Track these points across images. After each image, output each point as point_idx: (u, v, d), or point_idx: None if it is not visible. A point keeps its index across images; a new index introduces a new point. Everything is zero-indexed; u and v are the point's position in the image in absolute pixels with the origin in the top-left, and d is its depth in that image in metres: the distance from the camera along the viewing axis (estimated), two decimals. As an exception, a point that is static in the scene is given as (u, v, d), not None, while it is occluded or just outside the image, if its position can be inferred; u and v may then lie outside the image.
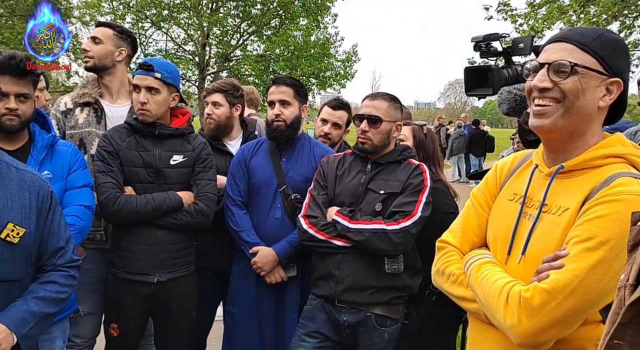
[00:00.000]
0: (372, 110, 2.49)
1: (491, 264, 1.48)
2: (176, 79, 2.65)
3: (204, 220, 2.61)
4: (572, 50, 1.36)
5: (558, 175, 1.41)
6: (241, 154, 2.86)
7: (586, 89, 1.34)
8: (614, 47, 1.37)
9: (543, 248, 1.36)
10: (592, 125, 1.39)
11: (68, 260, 1.86)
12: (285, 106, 2.75)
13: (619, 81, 1.36)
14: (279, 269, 2.72)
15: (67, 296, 1.85)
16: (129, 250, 2.55)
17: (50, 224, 1.82)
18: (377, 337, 2.41)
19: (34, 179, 1.81)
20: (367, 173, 2.50)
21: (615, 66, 1.36)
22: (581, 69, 1.34)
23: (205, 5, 22.18)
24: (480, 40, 2.33)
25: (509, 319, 1.31)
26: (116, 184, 2.50)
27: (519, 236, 1.45)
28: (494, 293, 1.37)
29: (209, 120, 3.04)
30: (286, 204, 2.71)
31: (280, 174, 2.75)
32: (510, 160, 1.65)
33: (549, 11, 10.96)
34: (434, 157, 2.84)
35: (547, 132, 1.41)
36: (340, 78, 21.95)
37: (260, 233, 2.74)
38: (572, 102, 1.34)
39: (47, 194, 1.82)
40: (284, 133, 2.75)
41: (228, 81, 3.16)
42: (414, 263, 2.47)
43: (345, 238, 2.39)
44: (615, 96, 1.37)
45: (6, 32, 17.09)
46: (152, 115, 2.55)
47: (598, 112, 1.38)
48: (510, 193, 1.55)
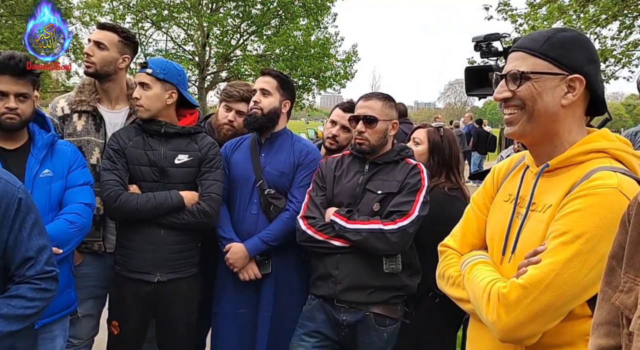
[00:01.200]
0: (367, 110, 2.49)
1: (483, 264, 1.52)
2: (172, 75, 2.59)
3: (207, 220, 2.59)
4: (524, 57, 1.42)
5: (545, 174, 1.44)
6: (223, 150, 2.85)
7: (542, 91, 1.39)
8: (565, 46, 1.40)
9: (530, 246, 1.39)
10: (564, 124, 1.42)
11: (39, 272, 1.71)
12: (266, 95, 2.74)
13: (578, 77, 1.39)
14: (252, 266, 2.69)
15: (36, 311, 1.70)
16: (131, 249, 2.55)
17: (17, 232, 1.68)
18: (376, 337, 2.41)
19: (1, 183, 1.66)
20: (364, 173, 2.50)
21: (570, 63, 1.39)
22: (532, 75, 1.39)
23: (205, 5, 22.17)
24: (481, 40, 2.34)
25: (490, 315, 1.35)
26: (119, 182, 2.50)
27: (511, 236, 1.47)
28: (479, 291, 1.41)
29: (228, 127, 3.00)
30: (262, 200, 2.70)
31: (258, 169, 2.73)
32: (506, 163, 1.69)
33: (549, 11, 10.96)
34: (452, 161, 2.76)
35: (519, 138, 1.49)
36: (340, 78, 21.95)
37: (238, 229, 2.73)
38: (532, 107, 1.40)
39: (13, 201, 1.66)
40: (258, 120, 2.71)
41: (250, 88, 3.05)
42: (412, 263, 2.47)
43: (343, 238, 2.39)
44: (578, 92, 1.39)
45: (6, 32, 17.08)
46: (145, 110, 2.56)
47: (565, 110, 1.41)
48: (506, 194, 1.58)
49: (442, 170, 2.74)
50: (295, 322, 2.56)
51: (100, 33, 2.77)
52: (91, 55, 2.72)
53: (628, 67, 11.38)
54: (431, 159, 2.76)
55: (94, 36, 2.76)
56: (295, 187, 2.70)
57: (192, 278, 2.66)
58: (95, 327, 2.87)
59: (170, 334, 2.65)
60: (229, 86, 3.13)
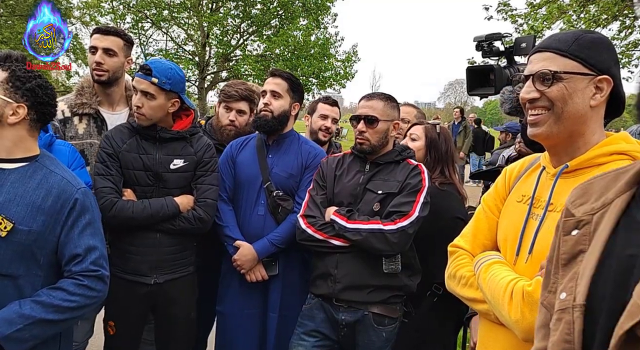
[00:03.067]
0: (368, 110, 2.49)
1: (499, 264, 1.50)
2: (177, 84, 2.52)
3: (202, 226, 2.58)
4: (553, 58, 1.41)
5: (564, 175, 1.43)
6: (229, 149, 2.83)
7: (573, 92, 1.38)
8: (593, 47, 1.40)
9: (549, 246, 1.37)
10: (589, 125, 1.41)
11: (84, 269, 1.81)
12: (276, 98, 2.73)
13: (606, 77, 1.39)
14: (260, 268, 2.69)
15: (76, 306, 1.79)
16: (127, 251, 2.53)
17: (68, 230, 1.80)
18: (375, 336, 2.41)
19: (62, 183, 1.81)
20: (365, 173, 2.50)
21: (599, 64, 1.39)
22: (564, 75, 1.38)
23: (205, 5, 22.16)
24: (482, 40, 2.34)
25: (514, 314, 1.34)
26: (114, 188, 2.47)
27: (526, 236, 1.46)
28: (499, 290, 1.40)
29: (231, 127, 2.99)
30: (269, 201, 2.69)
31: (265, 170, 2.72)
32: (519, 164, 1.68)
33: (549, 11, 10.96)
34: (447, 157, 2.81)
35: (545, 139, 1.46)
36: (340, 78, 21.94)
37: (245, 230, 2.72)
38: (561, 108, 1.39)
39: (69, 200, 1.80)
40: (269, 123, 2.71)
41: (249, 87, 3.07)
42: (412, 263, 2.47)
43: (342, 238, 2.39)
44: (606, 92, 1.40)
45: (6, 32, 17.07)
46: (147, 119, 2.50)
47: (592, 112, 1.40)
48: (519, 195, 1.57)
49: (437, 166, 2.77)
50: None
51: (107, 39, 2.73)
52: (102, 63, 2.70)
53: (627, 67, 11.40)
54: (428, 155, 2.79)
55: (102, 43, 2.72)
56: (303, 189, 2.70)
57: (189, 276, 2.65)
58: (90, 330, 2.86)
59: (170, 333, 2.64)
60: (226, 86, 3.11)
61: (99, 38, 2.74)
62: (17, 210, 1.73)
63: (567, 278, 0.78)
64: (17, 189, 1.75)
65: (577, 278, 0.75)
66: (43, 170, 1.82)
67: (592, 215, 0.82)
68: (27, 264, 1.76)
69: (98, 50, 2.72)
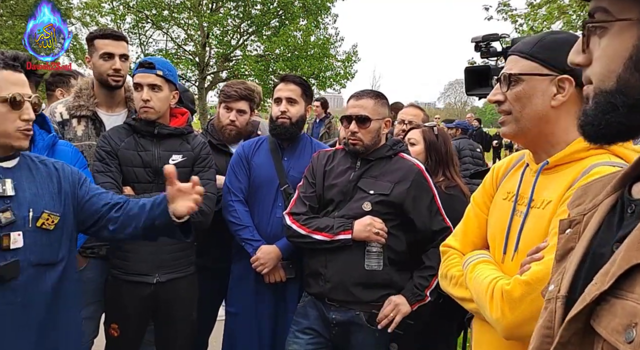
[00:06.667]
0: (359, 110, 2.45)
1: (485, 263, 1.52)
2: (174, 76, 2.62)
3: (203, 219, 2.58)
4: (516, 60, 1.46)
5: (545, 171, 1.45)
6: (242, 150, 2.84)
7: (533, 94, 1.41)
8: (556, 47, 1.41)
9: (532, 243, 1.39)
10: (558, 124, 1.43)
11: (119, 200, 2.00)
12: (292, 104, 2.75)
13: (567, 77, 1.40)
14: (280, 269, 2.71)
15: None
16: (128, 251, 2.54)
17: (86, 189, 1.97)
18: (368, 336, 2.39)
19: (57, 165, 1.93)
20: (356, 170, 2.47)
21: (560, 64, 1.39)
22: (523, 77, 1.41)
23: (205, 5, 22.18)
24: (480, 40, 2.35)
25: (494, 312, 1.35)
26: (114, 184, 2.48)
27: (512, 234, 1.48)
28: (482, 289, 1.42)
29: (231, 127, 3.00)
30: (287, 203, 2.70)
31: (282, 173, 2.74)
32: (506, 161, 1.70)
33: (548, 11, 10.96)
34: (448, 159, 2.80)
35: (513, 138, 1.52)
36: (340, 78, 21.94)
37: (262, 232, 2.73)
38: (519, 111, 1.43)
39: (72, 173, 1.95)
40: (288, 130, 2.74)
41: (248, 86, 3.09)
42: (402, 260, 2.42)
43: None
44: (568, 92, 1.40)
45: (6, 32, 17.08)
46: (156, 112, 2.53)
47: (556, 111, 1.42)
48: (505, 192, 1.58)
49: (440, 169, 2.76)
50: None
51: (120, 45, 2.74)
52: (120, 69, 2.74)
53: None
54: (429, 159, 2.77)
55: (118, 50, 2.72)
56: None
57: (191, 277, 2.66)
58: (95, 330, 2.87)
59: (171, 334, 2.65)
60: (226, 86, 3.13)
61: (114, 44, 2.73)
62: (48, 203, 1.82)
63: (557, 272, 0.83)
64: (33, 182, 1.83)
65: (564, 272, 0.80)
66: (35, 161, 1.90)
67: (584, 216, 0.85)
68: (67, 244, 1.89)
69: (115, 57, 2.71)
